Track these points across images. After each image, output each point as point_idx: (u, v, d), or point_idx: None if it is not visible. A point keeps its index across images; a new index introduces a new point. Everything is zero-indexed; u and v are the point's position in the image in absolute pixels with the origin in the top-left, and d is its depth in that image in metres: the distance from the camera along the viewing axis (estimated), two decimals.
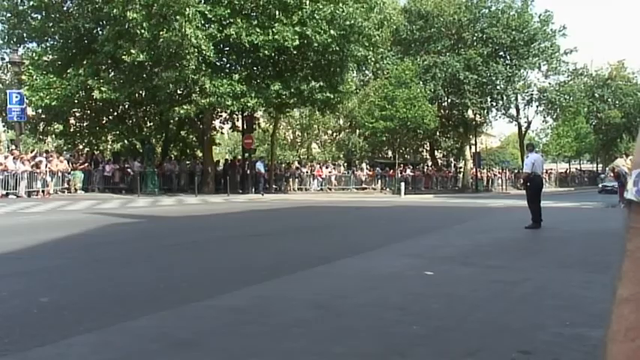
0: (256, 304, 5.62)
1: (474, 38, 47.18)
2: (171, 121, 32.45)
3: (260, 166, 32.95)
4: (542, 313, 5.39)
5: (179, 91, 28.54)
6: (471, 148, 50.89)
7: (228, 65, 29.15)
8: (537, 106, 54.41)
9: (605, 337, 0.73)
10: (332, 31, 26.32)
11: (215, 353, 4.12)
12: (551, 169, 63.50)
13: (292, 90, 27.66)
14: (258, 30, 25.48)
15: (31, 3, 28.07)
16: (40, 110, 30.58)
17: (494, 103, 50.91)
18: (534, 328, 4.84)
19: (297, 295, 6.14)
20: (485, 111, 51.03)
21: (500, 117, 56.01)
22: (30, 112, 29.93)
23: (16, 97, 27.08)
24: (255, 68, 29.04)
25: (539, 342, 4.42)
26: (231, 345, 4.32)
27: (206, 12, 24.91)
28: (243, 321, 5.00)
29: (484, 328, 4.82)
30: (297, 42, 25.54)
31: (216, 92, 25.39)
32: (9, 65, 32.00)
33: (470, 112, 49.12)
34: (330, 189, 37.66)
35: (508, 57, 48.68)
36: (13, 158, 23.64)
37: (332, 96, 29.55)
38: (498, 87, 47.61)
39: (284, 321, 4.98)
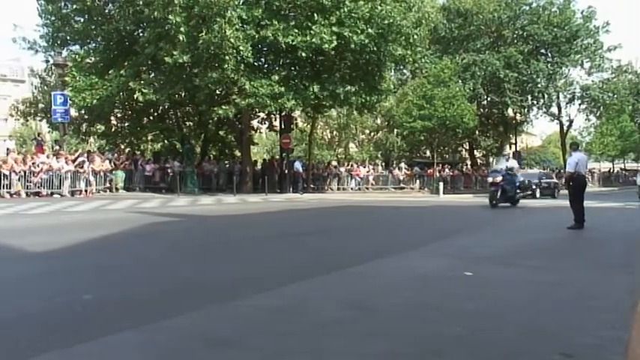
0: (292, 304, 5.65)
1: (514, 36, 46.60)
2: (210, 121, 32.76)
3: (298, 166, 33.07)
4: (583, 315, 5.32)
5: (218, 92, 28.80)
6: (511, 147, 50.29)
7: (266, 66, 29.28)
8: (580, 105, 53.54)
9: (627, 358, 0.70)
10: (370, 30, 26.22)
11: (252, 352, 4.15)
12: (595, 169, 62.26)
13: (329, 92, 27.64)
14: (295, 31, 25.51)
15: (75, 6, 28.60)
16: (82, 111, 31.18)
17: (535, 102, 50.21)
18: (575, 330, 4.77)
19: (334, 294, 6.15)
20: (526, 109, 50.39)
21: (541, 115, 55.23)
22: (73, 113, 30.52)
23: (60, 98, 27.61)
24: (292, 69, 29.09)
25: (579, 345, 4.36)
26: (268, 344, 4.35)
27: (243, 15, 25.02)
28: (280, 320, 5.04)
29: (523, 330, 4.77)
30: (334, 43, 25.49)
31: (255, 93, 25.51)
32: (53, 67, 32.68)
33: (510, 110, 48.56)
34: (367, 188, 37.60)
35: (549, 54, 47.97)
36: (57, 158, 24.14)
37: (368, 98, 29.49)
38: (539, 85, 46.94)
39: (320, 321, 5.00)
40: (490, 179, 20.85)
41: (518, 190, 21.56)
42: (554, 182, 35.99)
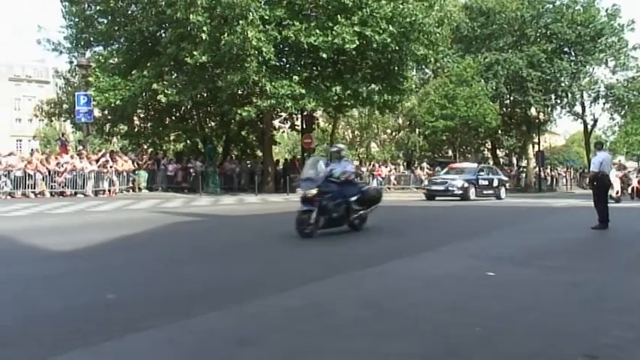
0: (312, 304, 5.66)
1: (538, 34, 46.17)
2: (232, 121, 32.87)
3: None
4: (606, 317, 5.26)
5: (240, 92, 28.87)
6: (534, 146, 49.85)
7: (287, 66, 29.28)
8: (604, 104, 52.74)
9: None
10: (392, 29, 26.09)
11: (273, 351, 4.17)
12: None
13: (351, 92, 27.57)
14: (317, 31, 25.48)
15: (98, 8, 28.89)
16: (106, 111, 31.45)
17: (559, 101, 49.72)
18: (598, 331, 4.72)
19: (353, 294, 6.16)
20: (549, 109, 49.90)
21: (564, 115, 54.65)
22: (96, 113, 30.77)
23: (84, 98, 27.87)
24: (314, 69, 29.07)
25: (603, 346, 4.31)
26: (289, 343, 4.37)
27: (265, 15, 25.03)
28: (300, 320, 5.06)
29: (545, 331, 4.72)
30: (356, 43, 25.41)
31: (276, 94, 25.52)
32: (77, 68, 32.99)
33: (533, 110, 48.12)
34: (389, 188, 37.47)
35: (573, 53, 47.47)
36: (80, 158, 24.39)
37: (390, 98, 29.39)
38: (563, 84, 46.49)
39: (340, 320, 5.01)
40: (301, 190, 12.60)
41: (357, 207, 12.57)
42: (499, 179, 30.29)
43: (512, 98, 47.94)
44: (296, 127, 37.30)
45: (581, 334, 4.64)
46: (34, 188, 22.47)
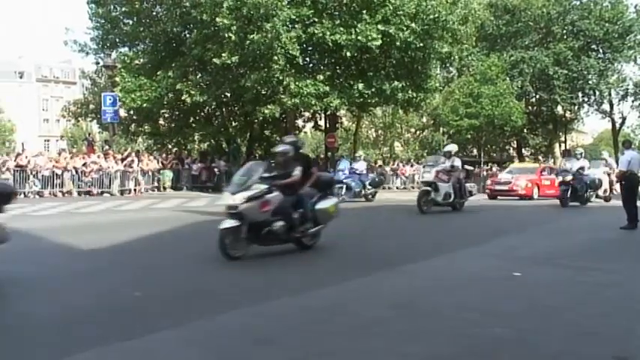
0: (335, 303, 5.66)
1: (564, 32, 45.66)
2: (256, 120, 32.93)
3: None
4: (635, 318, 5.18)
5: (263, 92, 28.93)
6: (560, 145, 49.34)
7: (311, 65, 29.25)
8: (633, 101, 51.97)
9: None
10: (415, 26, 25.96)
11: (294, 351, 4.18)
12: None
13: (375, 89, 27.47)
14: (341, 29, 25.42)
15: (123, 9, 29.15)
16: (131, 112, 31.69)
17: (586, 99, 49.08)
18: (627, 332, 4.66)
19: (377, 294, 6.14)
20: (576, 107, 49.30)
21: (592, 113, 53.83)
22: (122, 113, 31.01)
23: (110, 99, 28.08)
24: (337, 68, 29.01)
25: (633, 348, 4.24)
26: (310, 343, 4.37)
27: (292, 15, 25.02)
28: (322, 319, 5.06)
29: (572, 332, 4.68)
30: (380, 41, 25.31)
31: (300, 93, 25.52)
32: (103, 69, 33.31)
33: (559, 108, 47.62)
34: (413, 187, 37.24)
35: (601, 50, 46.83)
36: (106, 158, 24.63)
37: (414, 95, 29.20)
38: (590, 82, 45.88)
39: (362, 320, 5.00)
40: None
41: None
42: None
43: (538, 96, 47.51)
44: (319, 126, 37.28)
45: (610, 336, 4.59)
46: (62, 187, 22.73)
